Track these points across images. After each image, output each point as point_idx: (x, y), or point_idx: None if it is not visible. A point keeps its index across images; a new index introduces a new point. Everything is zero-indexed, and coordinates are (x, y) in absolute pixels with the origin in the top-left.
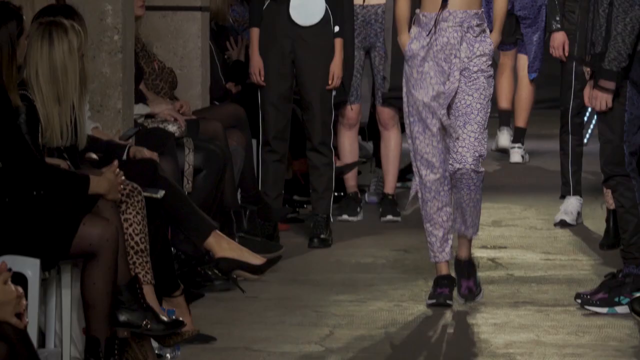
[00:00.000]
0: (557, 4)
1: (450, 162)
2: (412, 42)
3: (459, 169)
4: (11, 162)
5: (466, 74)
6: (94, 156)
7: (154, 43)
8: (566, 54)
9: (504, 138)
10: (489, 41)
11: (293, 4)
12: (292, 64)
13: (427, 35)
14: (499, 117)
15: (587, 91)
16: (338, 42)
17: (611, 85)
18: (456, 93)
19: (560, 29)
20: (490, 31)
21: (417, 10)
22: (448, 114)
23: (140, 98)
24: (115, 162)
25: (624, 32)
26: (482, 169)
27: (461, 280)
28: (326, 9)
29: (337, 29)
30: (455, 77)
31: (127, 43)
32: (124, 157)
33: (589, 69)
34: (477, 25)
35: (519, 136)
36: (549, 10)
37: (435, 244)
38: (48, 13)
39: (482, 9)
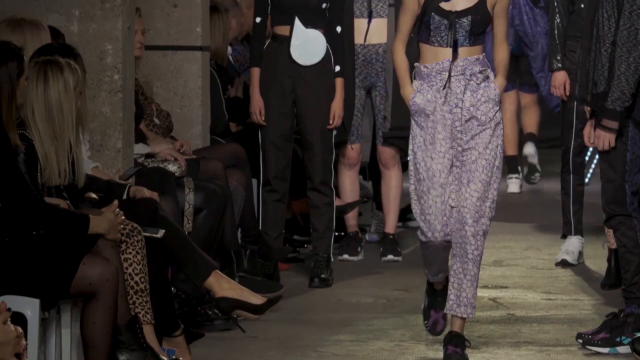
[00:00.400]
0: (558, 44)
1: (452, 224)
2: (416, 95)
3: (458, 229)
4: (11, 201)
5: (472, 125)
6: (94, 196)
7: (154, 82)
8: (567, 93)
9: (514, 185)
10: (494, 86)
11: (294, 44)
12: (293, 104)
13: (430, 88)
14: (507, 164)
15: (587, 130)
16: (339, 82)
17: (614, 124)
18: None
19: (561, 68)
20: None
21: (416, 64)
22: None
23: (140, 137)
24: (115, 202)
25: (628, 72)
26: (483, 236)
27: (448, 345)
28: (327, 48)
29: (337, 68)
30: (447, 118)
31: (127, 82)
32: (124, 196)
33: (589, 108)
34: (480, 72)
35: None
36: (549, 50)
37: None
38: (45, 52)
39: (484, 54)
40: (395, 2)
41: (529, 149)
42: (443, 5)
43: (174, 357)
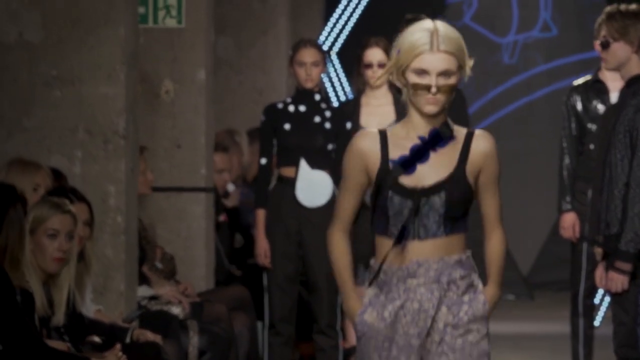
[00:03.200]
0: (567, 185)
1: None
2: (366, 311)
3: None
4: (11, 344)
5: (448, 340)
6: (97, 339)
7: (157, 224)
8: (577, 235)
9: None
10: (482, 299)
11: (299, 186)
12: (299, 246)
13: (390, 302)
14: None
15: (600, 273)
16: None
17: (628, 267)
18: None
19: (570, 209)
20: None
21: (372, 262)
22: None
23: (143, 280)
24: (118, 346)
25: None
26: None
27: None
28: (333, 189)
29: None
30: (414, 345)
31: (130, 224)
32: (127, 340)
33: (600, 250)
34: (462, 278)
35: None
36: (558, 191)
37: None
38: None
39: (468, 253)
40: None
41: None
42: (404, 180)
43: None
